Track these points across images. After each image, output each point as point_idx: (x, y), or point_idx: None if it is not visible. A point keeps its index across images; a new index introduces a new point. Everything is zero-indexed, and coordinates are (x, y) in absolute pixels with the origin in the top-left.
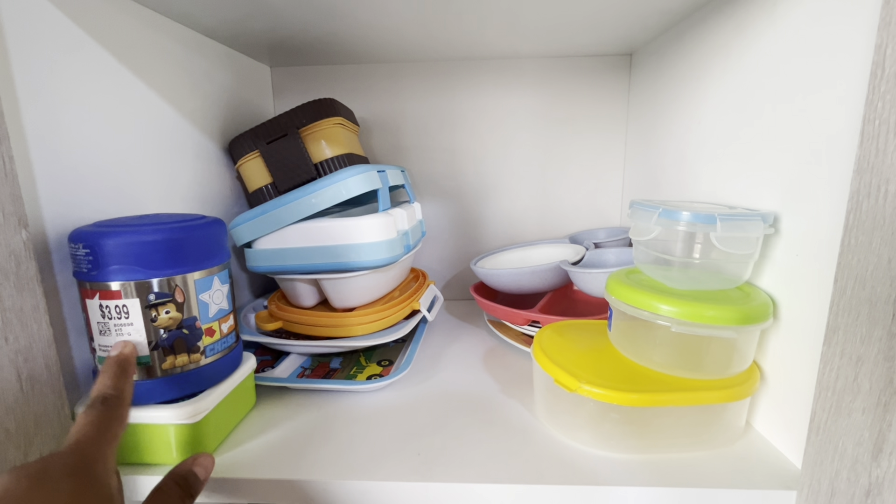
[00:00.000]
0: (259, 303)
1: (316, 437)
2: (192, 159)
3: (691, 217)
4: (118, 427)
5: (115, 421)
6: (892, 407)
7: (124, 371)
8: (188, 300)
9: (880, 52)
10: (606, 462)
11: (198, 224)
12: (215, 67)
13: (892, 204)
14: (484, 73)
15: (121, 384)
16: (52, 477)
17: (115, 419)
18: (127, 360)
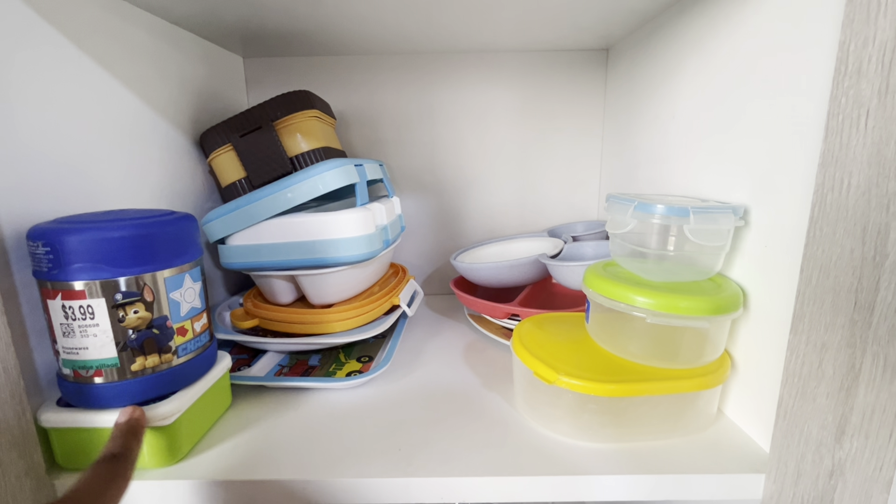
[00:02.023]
0: (234, 300)
1: (295, 436)
2: (161, 153)
3: (665, 210)
4: (122, 485)
5: (120, 478)
6: (854, 391)
7: (134, 433)
8: (158, 299)
9: (843, 48)
10: (585, 452)
11: (167, 220)
12: (185, 58)
13: (855, 196)
14: (463, 67)
15: (129, 444)
16: None
17: (120, 477)
18: (137, 423)
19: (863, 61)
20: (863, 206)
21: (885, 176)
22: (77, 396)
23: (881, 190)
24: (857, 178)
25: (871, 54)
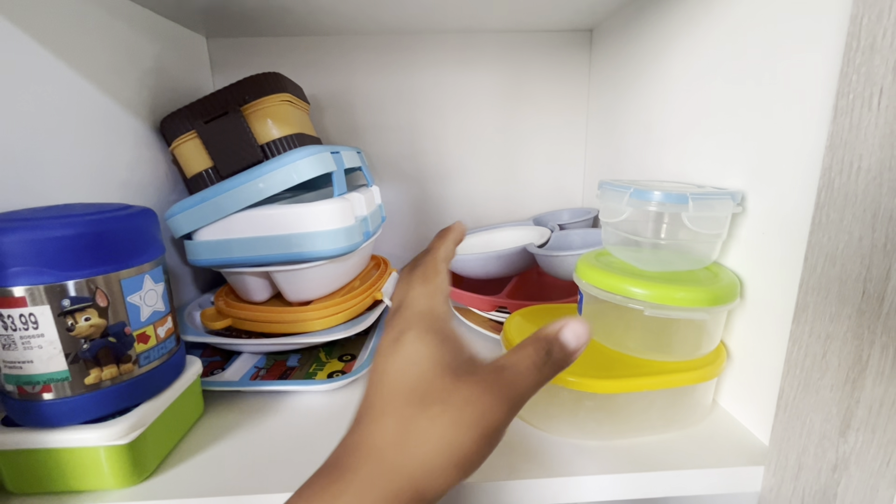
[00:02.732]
0: (205, 299)
1: (273, 445)
2: (117, 142)
3: (663, 197)
4: (434, 277)
5: (430, 271)
6: (860, 384)
7: (442, 236)
8: (113, 304)
9: (856, 22)
10: (581, 451)
11: (121, 215)
12: (142, 37)
13: (865, 180)
14: (443, 48)
15: (436, 244)
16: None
17: (430, 272)
18: (449, 229)
19: (877, 36)
20: (873, 190)
21: None
22: (24, 415)
23: (894, 173)
24: (867, 160)
25: (885, 28)
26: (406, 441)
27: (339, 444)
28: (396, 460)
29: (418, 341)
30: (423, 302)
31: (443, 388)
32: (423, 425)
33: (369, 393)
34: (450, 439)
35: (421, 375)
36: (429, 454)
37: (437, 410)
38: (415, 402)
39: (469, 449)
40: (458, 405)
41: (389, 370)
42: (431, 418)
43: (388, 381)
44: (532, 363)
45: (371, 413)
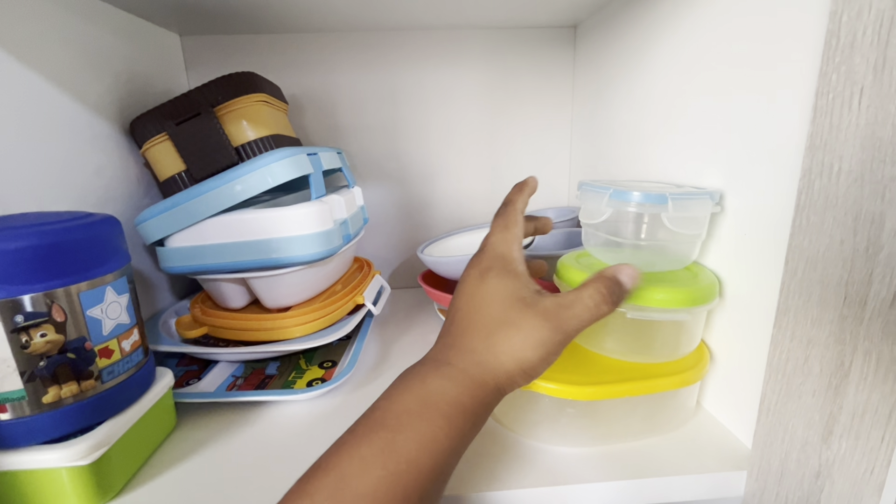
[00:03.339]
0: (181, 306)
1: (250, 458)
2: (83, 146)
3: (642, 198)
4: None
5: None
6: (843, 390)
7: (519, 189)
8: (72, 318)
9: (835, 19)
10: (564, 458)
11: (80, 224)
12: (110, 36)
13: (846, 182)
14: (426, 46)
15: (514, 196)
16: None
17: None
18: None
19: (857, 33)
20: (855, 193)
21: (881, 160)
22: None
23: (876, 176)
24: (848, 162)
25: (866, 25)
26: (493, 350)
27: (432, 350)
28: (487, 361)
29: (497, 279)
30: (502, 247)
31: (517, 317)
32: (505, 340)
33: (459, 313)
34: (521, 354)
35: (500, 304)
36: (506, 361)
37: (513, 332)
38: (496, 323)
39: (532, 363)
40: (526, 330)
41: (477, 297)
42: (510, 337)
43: (477, 305)
44: (592, 302)
45: (464, 328)
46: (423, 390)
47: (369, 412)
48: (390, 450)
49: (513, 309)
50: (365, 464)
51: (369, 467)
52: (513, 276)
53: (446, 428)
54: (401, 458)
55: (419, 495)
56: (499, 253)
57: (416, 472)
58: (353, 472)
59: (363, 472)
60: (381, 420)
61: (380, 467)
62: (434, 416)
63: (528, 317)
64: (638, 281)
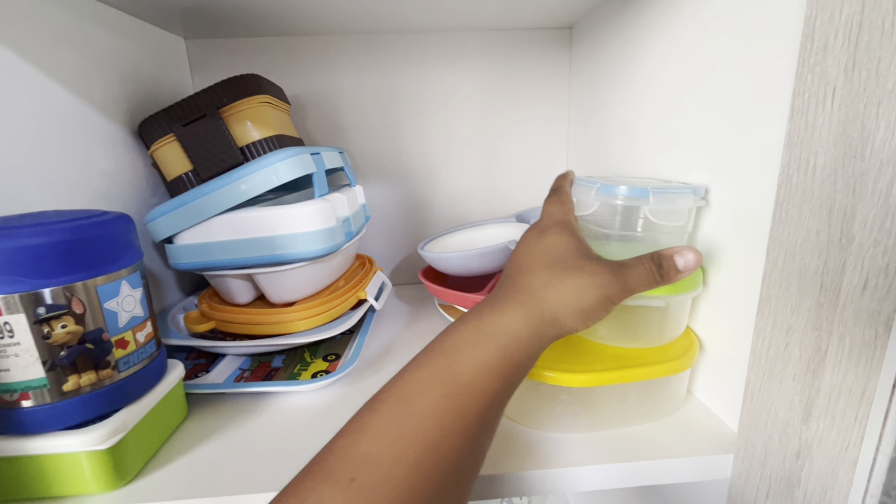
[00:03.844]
0: (189, 302)
1: (259, 446)
2: (94, 147)
3: (627, 191)
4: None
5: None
6: (820, 373)
7: (564, 177)
8: (91, 310)
9: (809, 23)
10: (559, 443)
11: (95, 222)
12: (117, 40)
13: (821, 177)
14: (424, 47)
15: (561, 182)
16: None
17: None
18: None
19: (829, 37)
20: (829, 187)
21: (852, 156)
22: (3, 423)
23: (847, 171)
24: (822, 158)
25: (837, 29)
26: (551, 286)
27: (501, 289)
28: (545, 295)
29: (558, 235)
30: (560, 214)
31: (577, 263)
32: (563, 280)
33: (517, 262)
34: (580, 293)
35: (562, 253)
36: (566, 297)
37: (573, 274)
38: (558, 267)
39: (591, 303)
40: (587, 273)
41: (537, 248)
42: (569, 277)
43: (537, 253)
44: (647, 270)
45: (522, 271)
46: (478, 322)
47: (430, 345)
48: (447, 373)
49: (575, 258)
50: (424, 386)
51: (428, 388)
52: (574, 236)
53: (499, 355)
54: (457, 380)
55: (476, 416)
56: (558, 219)
57: (471, 394)
58: (414, 392)
59: (422, 393)
60: (438, 349)
61: (438, 388)
62: (488, 343)
63: (590, 264)
64: (695, 265)
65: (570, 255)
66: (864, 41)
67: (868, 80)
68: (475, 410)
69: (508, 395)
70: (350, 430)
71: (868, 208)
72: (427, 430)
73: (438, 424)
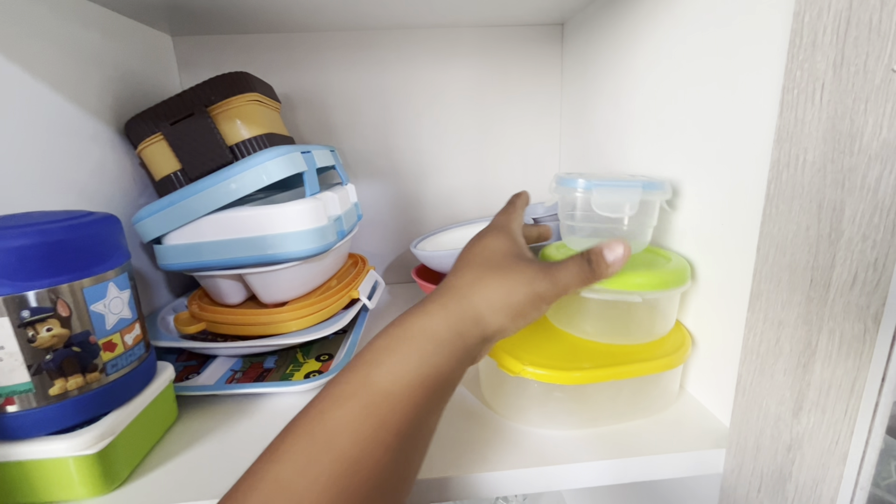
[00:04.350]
0: (179, 303)
1: (250, 448)
2: (79, 146)
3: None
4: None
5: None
6: (811, 368)
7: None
8: (77, 313)
9: (798, 19)
10: (552, 441)
11: (82, 222)
12: (102, 38)
13: (811, 172)
14: (415, 44)
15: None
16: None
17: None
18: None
19: (818, 33)
20: (818, 182)
21: (840, 151)
22: None
23: (836, 166)
24: (812, 153)
25: (825, 25)
26: (477, 284)
27: (433, 291)
28: (468, 293)
29: (494, 237)
30: (502, 221)
31: (507, 262)
32: (491, 278)
33: (458, 262)
34: (506, 290)
35: (493, 253)
36: (491, 295)
37: (501, 272)
38: (487, 266)
39: (518, 300)
40: (516, 271)
41: (472, 250)
42: (497, 275)
43: (471, 255)
44: (577, 265)
45: (457, 271)
46: (399, 328)
47: (358, 354)
48: (365, 383)
49: (506, 257)
50: (342, 398)
51: (345, 401)
52: (511, 239)
53: (417, 360)
54: (375, 389)
55: (398, 425)
56: (498, 223)
57: (391, 403)
58: (331, 407)
59: (339, 407)
60: (360, 360)
61: (355, 400)
62: (406, 348)
63: (520, 262)
64: (624, 258)
65: (502, 254)
66: (852, 37)
67: (856, 76)
68: (397, 420)
69: (436, 402)
70: (266, 453)
71: (857, 203)
72: (344, 446)
73: (355, 438)
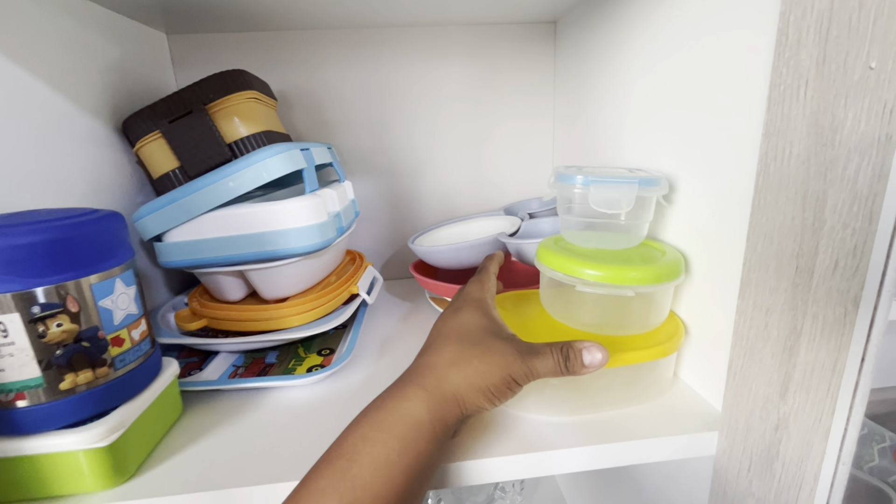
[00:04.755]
0: (179, 300)
1: (256, 440)
2: (77, 145)
3: (583, 180)
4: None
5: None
6: (796, 351)
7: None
8: (85, 309)
9: (784, 19)
10: (550, 427)
11: (88, 220)
12: (98, 36)
13: (796, 165)
14: (410, 42)
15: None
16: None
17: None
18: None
19: (802, 31)
20: (802, 174)
21: (823, 144)
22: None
23: (819, 158)
24: (797, 147)
25: (809, 24)
26: (455, 364)
27: (408, 368)
28: (447, 373)
29: (471, 313)
30: (476, 293)
31: (485, 341)
32: (469, 357)
33: (433, 338)
34: (483, 371)
35: (471, 329)
36: (469, 376)
37: (479, 351)
38: (465, 343)
39: (494, 382)
40: (493, 352)
41: (447, 325)
42: (475, 355)
43: (447, 330)
44: (553, 360)
45: (434, 347)
46: (378, 413)
47: (331, 446)
48: (345, 478)
49: (483, 335)
50: (322, 495)
51: (325, 498)
52: (488, 316)
53: (399, 448)
54: (356, 484)
55: None
56: (474, 297)
57: (371, 498)
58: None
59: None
60: (338, 450)
61: (335, 497)
62: (386, 437)
63: (498, 342)
64: (600, 364)
65: (480, 332)
66: (833, 36)
67: (837, 73)
68: None
69: (418, 487)
70: None
71: (838, 193)
72: None
73: None
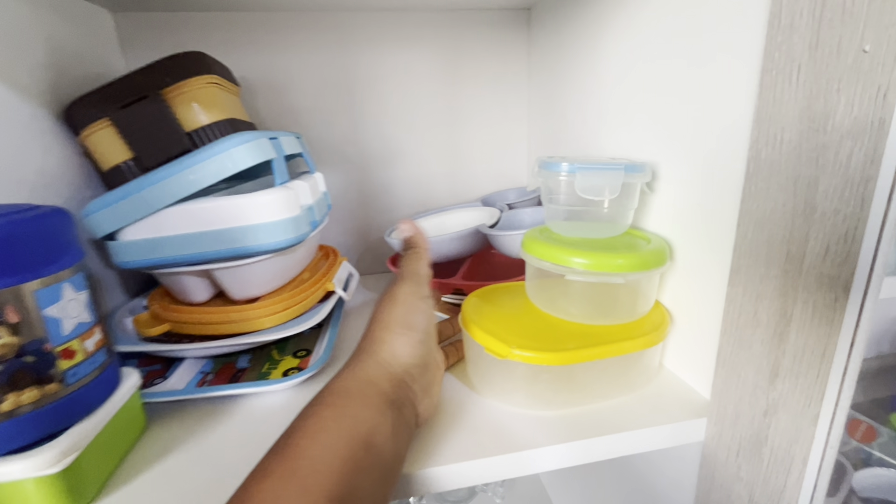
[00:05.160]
0: (137, 303)
1: (228, 453)
2: (13, 134)
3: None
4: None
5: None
6: (786, 337)
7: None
8: (27, 319)
9: (776, 2)
10: (540, 422)
11: (28, 217)
12: (30, 10)
13: (787, 151)
14: (380, 27)
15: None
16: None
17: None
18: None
19: (795, 15)
20: (794, 160)
21: (815, 130)
22: None
23: (811, 144)
24: (789, 133)
25: (802, 8)
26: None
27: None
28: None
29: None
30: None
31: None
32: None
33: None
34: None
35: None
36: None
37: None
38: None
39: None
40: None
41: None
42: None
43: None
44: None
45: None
46: (315, 397)
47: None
48: (287, 451)
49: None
50: (265, 470)
51: (268, 472)
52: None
53: (332, 416)
54: (297, 454)
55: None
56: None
57: (312, 466)
58: (254, 480)
59: (263, 478)
60: (283, 434)
61: (277, 469)
62: (318, 408)
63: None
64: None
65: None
66: (826, 19)
67: (830, 57)
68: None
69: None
70: None
71: (829, 179)
72: None
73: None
